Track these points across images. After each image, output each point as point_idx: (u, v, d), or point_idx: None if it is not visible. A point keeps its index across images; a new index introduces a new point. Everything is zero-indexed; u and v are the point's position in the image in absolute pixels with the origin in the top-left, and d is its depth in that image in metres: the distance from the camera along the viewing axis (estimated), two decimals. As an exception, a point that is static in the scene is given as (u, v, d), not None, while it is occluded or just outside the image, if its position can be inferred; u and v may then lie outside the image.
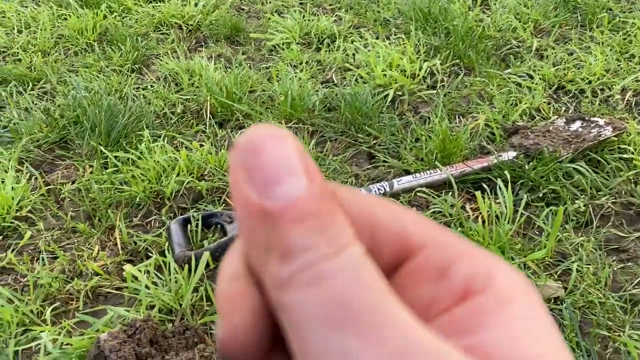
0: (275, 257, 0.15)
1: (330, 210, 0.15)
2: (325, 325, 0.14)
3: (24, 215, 1.40)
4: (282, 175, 0.15)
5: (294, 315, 0.15)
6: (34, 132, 1.68)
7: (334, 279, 0.14)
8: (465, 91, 1.85)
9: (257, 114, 1.74)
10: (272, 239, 0.15)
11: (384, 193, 1.38)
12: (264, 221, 0.15)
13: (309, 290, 0.14)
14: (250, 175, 0.15)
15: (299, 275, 0.15)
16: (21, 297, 1.17)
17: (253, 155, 0.15)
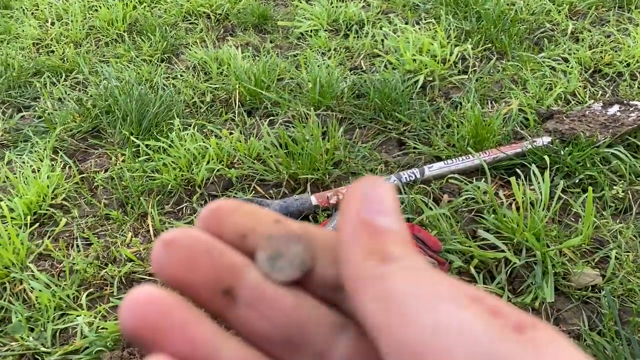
0: (376, 258, 0.19)
1: (411, 242, 0.21)
2: (427, 299, 0.18)
3: (59, 203, 1.43)
4: (387, 212, 0.20)
5: (396, 296, 0.18)
6: (67, 122, 1.71)
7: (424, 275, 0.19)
8: (497, 76, 1.81)
9: (286, 101, 1.74)
10: (373, 246, 0.20)
11: (414, 180, 1.36)
12: (371, 233, 0.20)
13: (411, 279, 0.19)
14: (367, 202, 0.21)
15: (401, 269, 0.19)
16: (58, 282, 1.19)
17: (372, 191, 0.21)
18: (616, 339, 1.01)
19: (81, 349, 1.05)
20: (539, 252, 1.15)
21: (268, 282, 0.21)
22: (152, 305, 0.20)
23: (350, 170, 1.45)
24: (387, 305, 0.18)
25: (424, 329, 0.17)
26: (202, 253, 0.21)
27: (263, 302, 0.21)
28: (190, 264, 0.21)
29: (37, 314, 1.13)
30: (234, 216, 0.22)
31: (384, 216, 0.20)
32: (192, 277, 0.21)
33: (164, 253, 0.21)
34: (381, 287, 0.18)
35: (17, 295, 1.19)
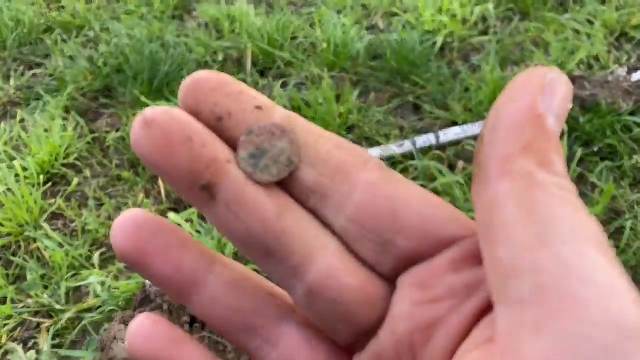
0: (533, 159, 0.17)
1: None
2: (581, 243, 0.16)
3: (71, 163, 1.43)
4: (560, 115, 0.18)
5: (545, 211, 0.16)
6: (78, 81, 1.69)
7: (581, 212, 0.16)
8: (519, 38, 1.75)
9: (300, 62, 1.70)
10: (536, 145, 0.17)
11: (429, 146, 1.34)
12: (540, 130, 0.17)
13: (565, 201, 0.16)
14: (548, 96, 0.17)
15: (555, 186, 0.16)
16: (71, 242, 1.21)
17: (552, 85, 0.17)
18: (628, 311, 1.01)
19: (94, 307, 1.06)
20: (553, 222, 1.13)
21: (250, 182, 0.20)
22: (139, 229, 0.20)
23: (364, 135, 1.43)
24: (532, 217, 0.16)
25: (561, 263, 0.15)
26: (182, 140, 0.19)
27: (243, 207, 0.20)
28: (169, 151, 0.19)
29: (51, 272, 1.15)
30: (214, 95, 0.20)
31: (556, 119, 0.17)
32: (170, 165, 0.19)
33: (143, 133, 0.19)
34: (532, 195, 0.16)
35: (32, 254, 1.20)
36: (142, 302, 0.99)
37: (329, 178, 0.20)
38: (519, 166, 0.17)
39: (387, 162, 1.31)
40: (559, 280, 0.15)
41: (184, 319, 0.97)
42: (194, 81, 0.20)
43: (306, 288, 0.20)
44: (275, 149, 0.20)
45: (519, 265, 0.16)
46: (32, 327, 1.06)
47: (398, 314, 0.19)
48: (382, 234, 0.19)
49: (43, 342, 1.01)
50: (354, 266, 0.20)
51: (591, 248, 0.15)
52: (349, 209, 0.20)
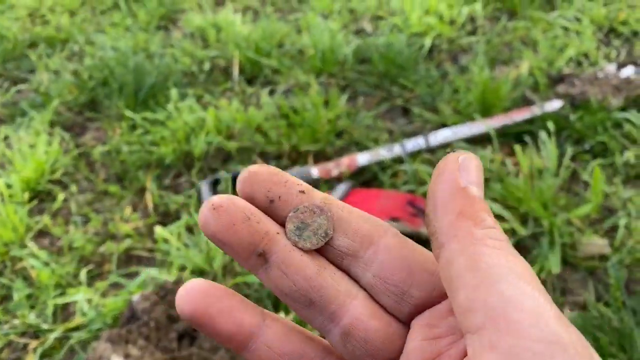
0: (469, 221, 0.22)
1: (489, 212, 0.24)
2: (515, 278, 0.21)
3: (57, 179, 1.41)
4: (478, 183, 0.23)
5: (485, 260, 0.21)
6: (63, 95, 1.68)
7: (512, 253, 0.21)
8: (507, 37, 1.74)
9: (287, 69, 1.69)
10: (467, 210, 0.22)
11: (419, 149, 1.32)
12: (466, 199, 0.22)
13: (499, 249, 0.21)
14: (463, 171, 0.23)
15: (490, 238, 0.22)
16: (57, 260, 1.18)
17: (466, 163, 0.23)
18: (622, 309, 0.99)
19: (81, 326, 1.04)
20: (546, 222, 1.11)
21: (295, 249, 0.26)
22: (202, 295, 0.24)
23: (353, 140, 1.41)
24: (476, 266, 0.21)
25: (508, 303, 0.20)
26: (242, 219, 0.25)
27: (290, 267, 0.25)
28: (232, 228, 0.25)
29: (38, 292, 1.12)
30: (266, 184, 0.26)
31: (475, 186, 0.23)
32: (232, 239, 0.25)
33: (211, 216, 0.25)
34: (473, 249, 0.21)
35: (18, 273, 1.18)
36: (129, 320, 0.97)
37: (359, 244, 0.26)
38: (459, 229, 0.22)
39: (377, 166, 1.30)
40: (503, 310, 0.20)
41: (171, 335, 0.94)
42: (250, 173, 0.26)
43: (341, 330, 0.26)
44: (315, 223, 0.26)
45: (474, 303, 0.21)
46: (18, 348, 1.04)
47: (412, 348, 0.25)
48: (400, 287, 0.25)
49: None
50: (378, 312, 0.26)
51: (523, 283, 0.20)
52: (374, 268, 0.26)
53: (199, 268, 1.12)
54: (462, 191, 0.23)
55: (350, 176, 1.29)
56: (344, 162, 1.30)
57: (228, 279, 1.11)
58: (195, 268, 1.12)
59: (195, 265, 1.12)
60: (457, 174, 0.23)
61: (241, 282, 1.09)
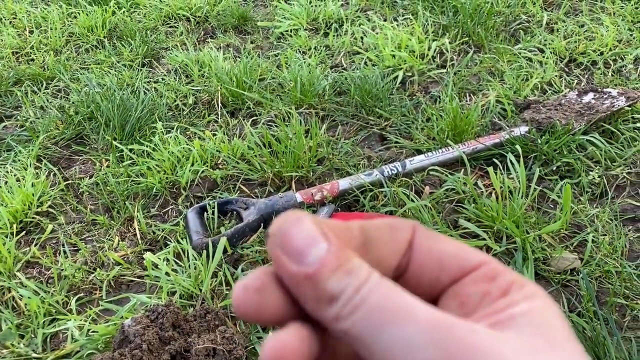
0: (324, 303, 0.21)
1: (347, 257, 0.23)
2: (377, 328, 0.21)
3: (45, 211, 1.43)
4: (308, 246, 0.22)
5: (354, 333, 0.21)
6: (50, 130, 1.71)
7: (368, 300, 0.21)
8: (475, 69, 1.84)
9: (268, 101, 1.76)
10: (318, 293, 0.22)
11: (396, 173, 1.39)
12: (309, 282, 0.22)
13: (357, 314, 0.21)
14: (287, 254, 0.22)
15: (346, 309, 0.21)
16: (46, 289, 1.20)
17: (285, 239, 0.22)
18: (594, 319, 1.05)
19: (72, 352, 1.06)
20: (518, 239, 1.18)
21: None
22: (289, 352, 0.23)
23: (334, 167, 1.47)
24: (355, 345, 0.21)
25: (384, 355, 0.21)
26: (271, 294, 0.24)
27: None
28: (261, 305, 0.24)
29: (27, 321, 1.14)
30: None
31: (308, 253, 0.22)
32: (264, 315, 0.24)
33: (242, 295, 0.24)
34: (341, 329, 0.22)
35: (6, 303, 1.19)
36: (121, 343, 0.99)
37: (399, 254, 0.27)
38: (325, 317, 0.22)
39: (357, 190, 1.36)
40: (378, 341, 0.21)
41: (164, 357, 0.97)
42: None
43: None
44: None
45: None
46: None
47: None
48: (433, 277, 0.26)
49: (20, 391, 0.99)
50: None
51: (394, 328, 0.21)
52: (411, 267, 0.27)
53: (189, 292, 1.15)
54: (295, 278, 0.22)
55: (332, 200, 1.34)
56: (326, 187, 1.36)
57: (216, 302, 1.14)
58: (185, 292, 1.15)
59: (185, 290, 1.15)
60: (286, 263, 0.22)
61: (229, 304, 1.12)
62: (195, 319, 1.04)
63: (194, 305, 1.13)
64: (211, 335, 0.99)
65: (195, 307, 1.12)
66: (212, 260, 1.18)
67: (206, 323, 1.03)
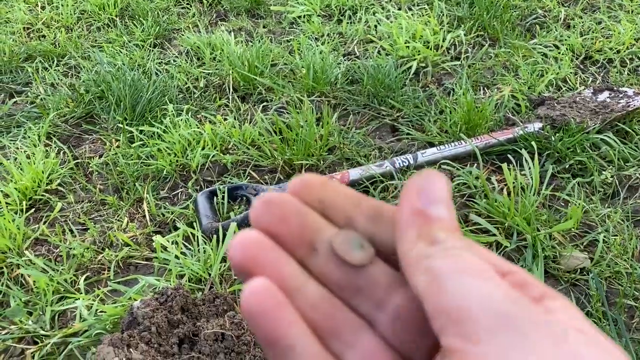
0: (424, 242, 0.24)
1: (457, 226, 0.26)
2: (461, 273, 0.23)
3: (54, 189, 1.43)
4: (439, 201, 0.25)
5: (437, 271, 0.23)
6: (60, 108, 1.70)
7: (462, 254, 0.24)
8: (489, 62, 1.82)
9: (280, 87, 1.74)
10: (426, 232, 0.24)
11: (407, 165, 1.38)
12: (423, 220, 0.24)
13: (449, 259, 0.23)
14: (423, 194, 0.25)
15: (441, 253, 0.24)
16: (55, 267, 1.20)
17: (427, 184, 0.25)
18: (603, 320, 1.05)
19: (80, 331, 1.06)
20: (529, 236, 1.17)
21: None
22: (254, 245, 0.26)
23: (344, 156, 1.47)
24: (429, 278, 0.23)
25: (455, 296, 0.22)
26: (294, 212, 0.27)
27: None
28: (283, 219, 0.27)
29: (35, 298, 1.14)
30: (318, 191, 0.28)
31: (436, 205, 0.25)
32: (283, 229, 0.27)
33: (263, 209, 0.26)
34: (427, 264, 0.23)
35: (15, 280, 1.20)
36: (130, 324, 0.99)
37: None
38: (415, 252, 0.24)
39: (367, 181, 1.35)
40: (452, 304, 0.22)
41: (172, 340, 0.97)
42: (302, 181, 0.28)
43: (390, 315, 0.26)
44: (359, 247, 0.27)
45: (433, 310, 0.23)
46: (16, 354, 1.05)
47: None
48: None
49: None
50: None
51: (466, 277, 0.22)
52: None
53: (197, 276, 1.15)
54: (419, 214, 0.24)
55: (342, 190, 1.34)
56: (336, 177, 1.35)
57: (225, 287, 1.14)
58: (194, 276, 1.15)
59: (194, 273, 1.15)
60: (414, 197, 0.25)
61: (238, 289, 1.12)
62: (204, 303, 1.04)
63: (202, 290, 1.13)
64: (220, 320, 1.00)
65: (204, 291, 1.12)
66: (222, 245, 1.18)
67: (215, 308, 1.03)
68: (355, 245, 0.27)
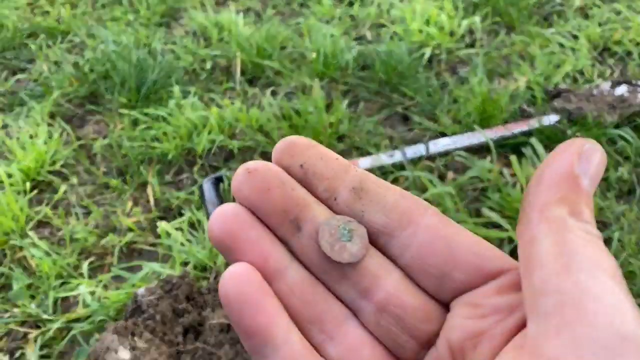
0: (566, 208, 0.21)
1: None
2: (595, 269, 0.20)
3: (57, 170, 1.40)
4: (594, 176, 0.22)
5: (571, 248, 0.20)
6: (64, 86, 1.67)
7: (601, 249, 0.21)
8: (505, 50, 1.78)
9: (289, 71, 1.70)
10: (569, 198, 0.21)
11: (420, 156, 1.35)
12: (573, 187, 0.21)
13: (589, 242, 0.21)
14: (583, 160, 0.22)
15: (582, 231, 0.21)
16: (58, 250, 1.18)
17: (591, 152, 0.22)
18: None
19: (83, 317, 1.04)
20: (543, 233, 1.15)
21: (330, 218, 0.25)
22: (235, 220, 0.24)
23: (354, 145, 1.43)
24: (561, 251, 0.20)
25: (582, 291, 0.19)
26: (277, 185, 0.25)
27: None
28: (266, 193, 0.24)
29: (38, 281, 1.12)
30: (302, 154, 0.26)
31: (590, 179, 0.22)
32: (266, 204, 0.24)
33: (245, 180, 0.24)
34: (562, 235, 0.21)
35: (18, 262, 1.17)
36: (134, 312, 0.97)
37: (396, 222, 0.25)
38: (554, 213, 0.21)
39: (378, 172, 1.32)
40: (576, 298, 0.19)
41: (177, 329, 0.95)
42: (287, 143, 0.26)
43: (375, 306, 0.24)
44: (350, 239, 0.25)
45: (547, 286, 0.20)
46: (18, 337, 1.04)
47: (452, 326, 0.24)
48: (441, 269, 0.24)
49: (30, 352, 0.98)
50: (415, 290, 0.25)
51: (604, 276, 0.20)
52: (414, 247, 0.25)
53: (202, 264, 1.13)
54: (572, 178, 0.22)
55: (352, 180, 1.31)
56: (346, 166, 1.32)
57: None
58: (199, 264, 1.13)
59: (199, 261, 1.12)
60: (574, 159, 0.22)
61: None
62: (209, 292, 1.02)
63: (207, 278, 1.11)
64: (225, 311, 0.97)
65: (209, 280, 1.09)
66: (228, 234, 1.15)
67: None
68: (344, 236, 0.24)
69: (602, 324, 0.18)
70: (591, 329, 0.18)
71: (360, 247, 0.24)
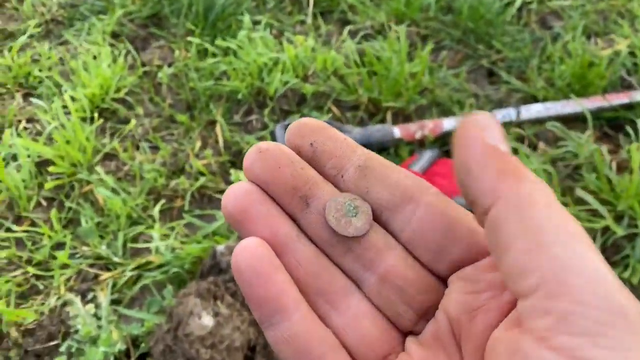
0: (512, 178, 0.21)
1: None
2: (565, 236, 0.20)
3: (121, 98, 1.34)
4: (504, 140, 0.23)
5: (536, 221, 0.20)
6: (126, 4, 1.56)
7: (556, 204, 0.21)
8: (602, 5, 1.61)
9: (365, 8, 1.57)
10: (505, 167, 0.22)
11: (509, 121, 1.25)
12: (500, 156, 0.22)
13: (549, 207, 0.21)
14: (489, 130, 0.22)
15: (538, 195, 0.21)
16: (125, 187, 1.14)
17: (487, 123, 0.23)
18: None
19: (155, 266, 1.01)
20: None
21: (337, 195, 0.27)
22: (246, 197, 0.26)
23: (435, 100, 1.33)
24: (526, 228, 0.20)
25: (562, 265, 0.19)
26: (287, 163, 0.26)
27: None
28: (277, 170, 0.26)
29: (107, 220, 1.09)
30: (312, 134, 0.27)
31: (503, 144, 0.22)
32: (276, 181, 0.26)
33: (257, 158, 0.26)
34: (521, 208, 0.20)
35: (84, 197, 1.14)
36: (211, 269, 0.94)
37: (399, 198, 0.26)
38: (503, 189, 0.21)
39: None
40: (559, 274, 0.19)
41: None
42: (298, 124, 0.27)
43: (377, 277, 0.26)
44: (355, 216, 0.26)
45: (526, 266, 0.20)
46: (89, 278, 1.02)
47: (450, 300, 0.25)
48: (439, 243, 0.26)
49: (103, 296, 0.97)
50: (416, 264, 0.26)
51: (579, 246, 0.20)
52: (414, 222, 0.26)
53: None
54: (493, 149, 0.22)
55: (433, 141, 1.22)
56: (428, 125, 1.23)
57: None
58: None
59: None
60: (482, 133, 0.22)
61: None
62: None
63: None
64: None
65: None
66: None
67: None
68: (350, 212, 0.26)
69: (588, 300, 0.18)
70: (579, 306, 0.18)
71: (365, 222, 0.26)
